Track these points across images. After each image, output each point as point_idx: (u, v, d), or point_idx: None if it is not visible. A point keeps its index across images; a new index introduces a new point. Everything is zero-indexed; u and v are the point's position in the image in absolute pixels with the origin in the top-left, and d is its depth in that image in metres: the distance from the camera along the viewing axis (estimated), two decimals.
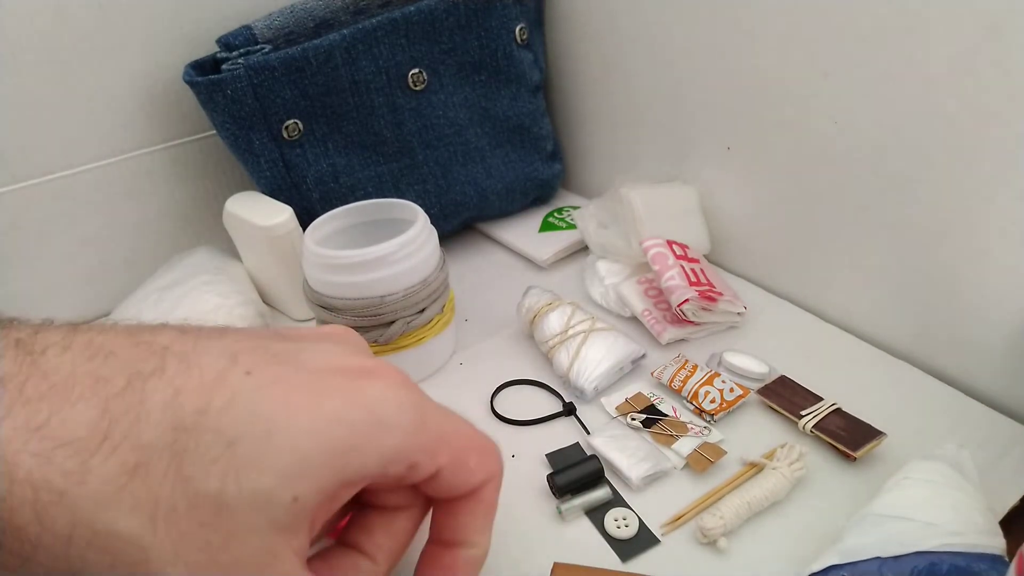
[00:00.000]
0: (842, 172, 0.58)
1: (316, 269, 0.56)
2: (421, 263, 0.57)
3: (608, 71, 0.77)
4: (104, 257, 0.75)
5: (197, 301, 0.66)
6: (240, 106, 0.66)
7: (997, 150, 0.48)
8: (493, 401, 0.59)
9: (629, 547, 0.46)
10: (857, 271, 0.61)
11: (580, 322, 0.61)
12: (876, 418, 0.51)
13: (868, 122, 0.55)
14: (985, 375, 0.55)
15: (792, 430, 0.53)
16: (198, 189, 0.79)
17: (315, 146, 0.70)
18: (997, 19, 0.45)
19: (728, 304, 0.62)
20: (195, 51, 0.72)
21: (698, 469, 0.50)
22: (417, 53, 0.71)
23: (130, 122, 0.72)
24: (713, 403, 0.54)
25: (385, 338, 0.57)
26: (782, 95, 0.60)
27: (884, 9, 0.50)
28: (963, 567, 0.37)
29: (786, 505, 0.47)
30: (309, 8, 0.70)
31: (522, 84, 0.77)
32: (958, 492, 0.41)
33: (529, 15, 0.77)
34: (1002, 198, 0.49)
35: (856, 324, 0.63)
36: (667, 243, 0.65)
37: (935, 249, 0.54)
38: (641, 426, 0.54)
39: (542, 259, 0.77)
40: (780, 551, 0.44)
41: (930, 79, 0.50)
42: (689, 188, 0.72)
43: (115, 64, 0.69)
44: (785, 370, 0.58)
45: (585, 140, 0.86)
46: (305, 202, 0.71)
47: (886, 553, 0.38)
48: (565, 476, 0.49)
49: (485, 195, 0.78)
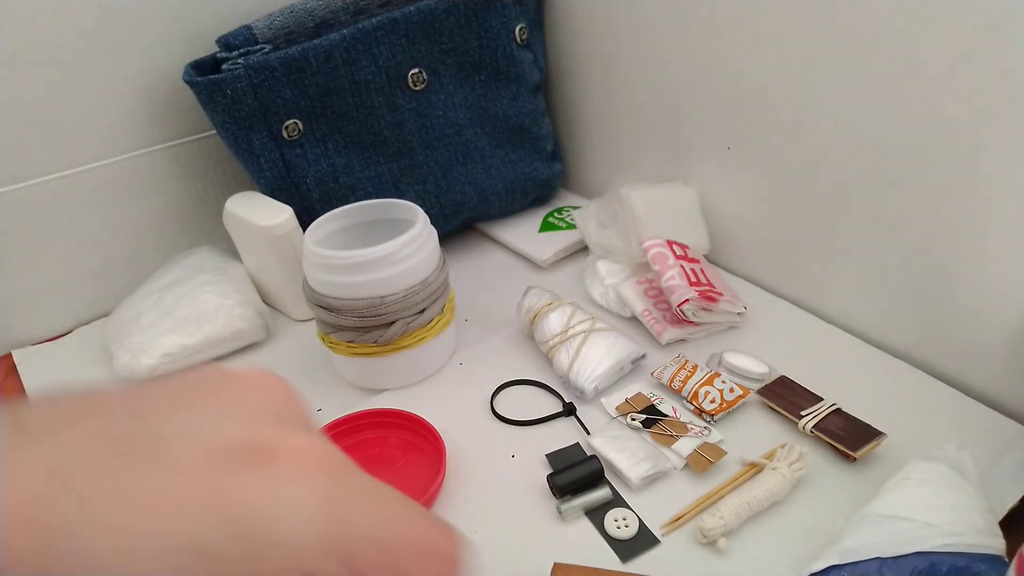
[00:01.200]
0: (842, 172, 0.58)
1: (316, 269, 0.56)
2: (421, 263, 0.57)
3: (608, 71, 0.77)
4: (104, 257, 0.75)
5: (197, 301, 0.66)
6: (240, 106, 0.66)
7: (996, 150, 0.48)
8: (493, 401, 0.59)
9: (629, 547, 0.46)
10: (857, 271, 0.61)
11: (580, 322, 0.61)
12: (876, 418, 0.51)
13: (868, 122, 0.55)
14: (985, 375, 0.55)
15: (792, 430, 0.53)
16: (198, 189, 0.79)
17: (315, 146, 0.70)
18: (996, 19, 0.45)
19: (728, 304, 0.62)
20: (195, 51, 0.72)
21: (698, 469, 0.50)
22: (417, 53, 0.71)
23: (130, 122, 0.72)
24: (713, 403, 0.54)
25: (385, 338, 0.57)
26: (782, 95, 0.60)
27: (884, 9, 0.50)
28: (963, 567, 0.37)
29: (786, 505, 0.47)
30: (309, 8, 0.70)
31: (522, 84, 0.77)
32: (958, 493, 0.41)
33: (529, 15, 0.77)
34: (1001, 198, 0.49)
35: (856, 324, 0.63)
36: (667, 243, 0.65)
37: (935, 249, 0.54)
38: (641, 426, 0.54)
39: (542, 259, 0.77)
40: (780, 551, 0.44)
41: (930, 79, 0.50)
42: (689, 188, 0.72)
43: (115, 64, 0.69)
44: (785, 370, 0.58)
45: (585, 140, 0.86)
46: (305, 202, 0.71)
47: (886, 553, 0.38)
48: (565, 476, 0.49)
49: (485, 195, 0.78)
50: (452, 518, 0.49)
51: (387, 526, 0.22)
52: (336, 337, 0.58)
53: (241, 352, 0.68)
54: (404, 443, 0.55)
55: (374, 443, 0.55)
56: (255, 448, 0.21)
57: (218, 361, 0.67)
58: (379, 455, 0.55)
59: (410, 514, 0.23)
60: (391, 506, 0.23)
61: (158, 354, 0.63)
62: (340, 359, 0.61)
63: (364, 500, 0.22)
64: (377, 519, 0.22)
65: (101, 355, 0.69)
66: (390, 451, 0.55)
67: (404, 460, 0.54)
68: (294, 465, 0.21)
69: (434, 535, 0.24)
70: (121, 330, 0.66)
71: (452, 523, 0.24)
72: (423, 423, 0.54)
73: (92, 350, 0.70)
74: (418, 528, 0.23)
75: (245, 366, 0.22)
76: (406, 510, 0.23)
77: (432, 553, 0.23)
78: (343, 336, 0.58)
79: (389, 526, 0.22)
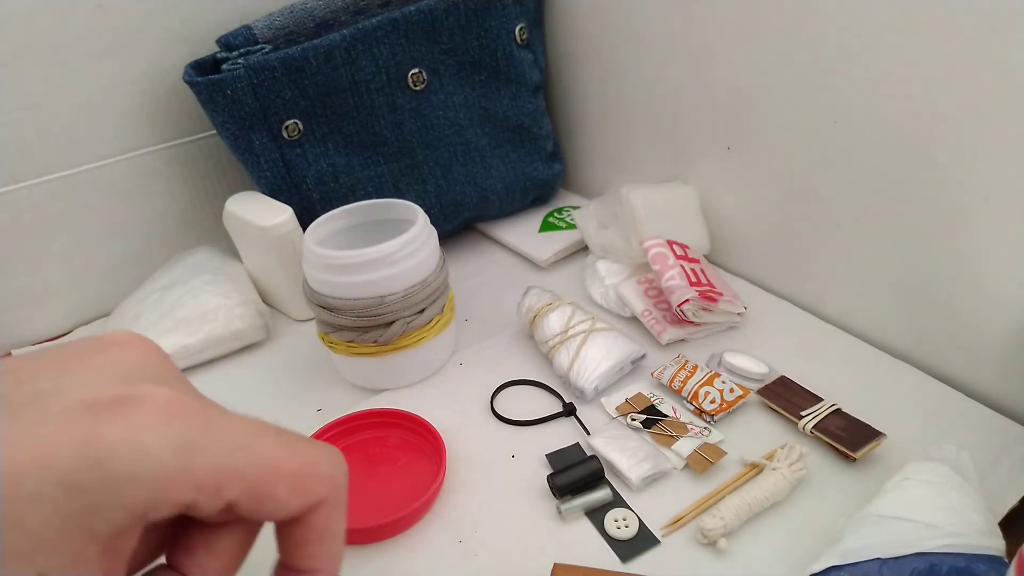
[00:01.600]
0: (842, 172, 0.58)
1: (316, 269, 0.56)
2: (421, 263, 0.57)
3: (608, 71, 0.77)
4: (104, 257, 0.75)
5: (197, 301, 0.66)
6: (240, 106, 0.66)
7: (996, 150, 0.48)
8: (493, 401, 0.59)
9: (629, 548, 0.46)
10: (857, 271, 0.61)
11: (580, 322, 0.61)
12: (876, 418, 0.51)
13: (868, 122, 0.55)
14: (985, 375, 0.55)
15: (792, 431, 0.53)
16: (198, 189, 0.79)
17: (315, 146, 0.70)
18: (997, 19, 0.45)
19: (728, 304, 0.62)
20: (195, 51, 0.72)
21: (698, 470, 0.50)
22: (417, 53, 0.71)
23: (130, 122, 0.72)
24: (713, 403, 0.54)
25: (385, 338, 0.57)
26: (782, 95, 0.60)
27: (884, 9, 0.50)
28: (963, 568, 0.37)
29: (786, 506, 0.47)
30: (309, 8, 0.70)
31: (522, 84, 0.77)
32: (958, 493, 0.41)
33: (529, 15, 0.77)
34: (1001, 198, 0.49)
35: (856, 324, 0.63)
36: (667, 243, 0.65)
37: (935, 249, 0.54)
38: (641, 427, 0.54)
39: (542, 259, 0.77)
40: (780, 552, 0.44)
41: (930, 79, 0.50)
42: (689, 188, 0.72)
43: (115, 64, 0.69)
44: (785, 370, 0.58)
45: (585, 140, 0.86)
46: (305, 202, 0.71)
47: (886, 554, 0.38)
48: (565, 476, 0.49)
49: (485, 195, 0.78)
50: (452, 518, 0.49)
51: (237, 453, 0.25)
52: (336, 337, 0.58)
53: (241, 352, 0.68)
54: (404, 443, 0.55)
55: (374, 443, 0.55)
56: (119, 399, 0.24)
57: (219, 361, 0.67)
58: (379, 455, 0.55)
59: (276, 442, 0.26)
60: (243, 437, 0.26)
61: None
62: (340, 359, 0.61)
63: (214, 434, 0.25)
64: (226, 447, 0.25)
65: None
66: (390, 451, 0.55)
67: (404, 460, 0.54)
68: (150, 411, 0.24)
69: (300, 462, 0.27)
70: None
71: (331, 449, 0.28)
72: (423, 423, 0.54)
73: None
74: (281, 455, 0.26)
75: (125, 333, 0.27)
76: (261, 438, 0.26)
77: (297, 473, 0.26)
78: (343, 336, 0.58)
79: (240, 453, 0.25)
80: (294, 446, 0.27)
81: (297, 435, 0.28)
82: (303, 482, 0.27)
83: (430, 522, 0.49)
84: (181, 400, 0.25)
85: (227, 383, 0.65)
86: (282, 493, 0.26)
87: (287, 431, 0.28)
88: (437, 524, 0.49)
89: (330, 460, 0.28)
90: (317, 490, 0.28)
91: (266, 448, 0.26)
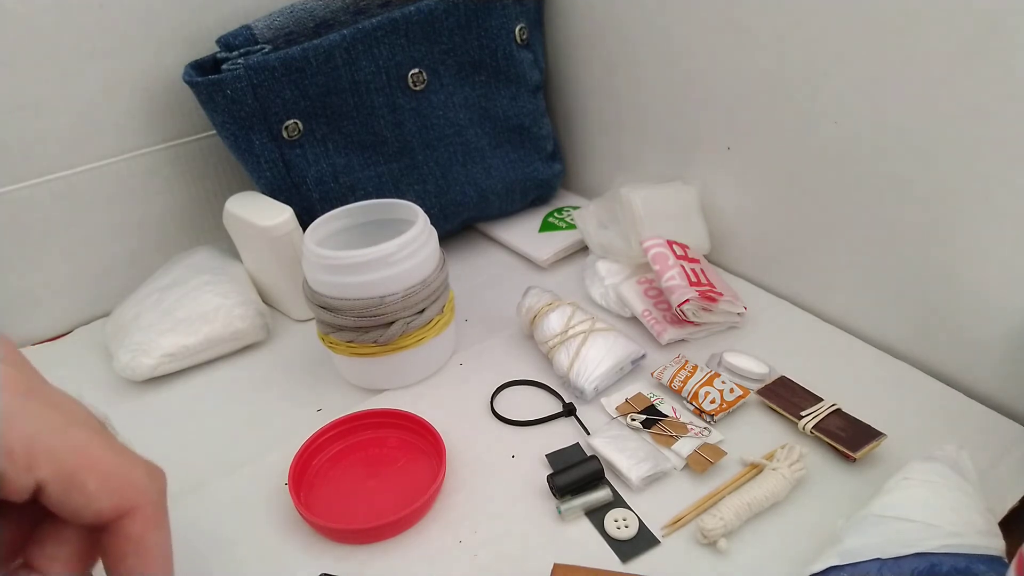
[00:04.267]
0: (842, 172, 0.58)
1: (316, 269, 0.56)
2: (421, 263, 0.57)
3: (608, 71, 0.77)
4: (104, 257, 0.75)
5: (197, 301, 0.66)
6: (240, 106, 0.66)
7: (996, 150, 0.48)
8: (493, 401, 0.59)
9: (629, 548, 0.46)
10: (857, 271, 0.61)
11: (580, 322, 0.61)
12: (876, 418, 0.51)
13: (868, 122, 0.55)
14: (985, 375, 0.55)
15: (792, 431, 0.53)
16: (198, 189, 0.79)
17: (315, 146, 0.70)
18: (997, 18, 0.45)
19: (728, 304, 0.62)
20: (195, 51, 0.72)
21: (698, 470, 0.50)
22: (417, 53, 0.71)
23: (130, 122, 0.72)
24: (713, 403, 0.54)
25: (385, 338, 0.57)
26: (782, 95, 0.60)
27: (884, 9, 0.50)
28: (963, 568, 0.37)
29: (786, 506, 0.47)
30: (309, 8, 0.70)
31: (522, 84, 0.77)
32: (958, 493, 0.41)
33: (529, 15, 0.77)
34: (1001, 198, 0.49)
35: (856, 324, 0.63)
36: (667, 243, 0.65)
37: (935, 249, 0.54)
38: (641, 427, 0.54)
39: (542, 259, 0.77)
40: (780, 552, 0.44)
41: (930, 79, 0.50)
42: (689, 188, 0.72)
43: (115, 64, 0.69)
44: (785, 370, 0.58)
45: (585, 140, 0.86)
46: (305, 202, 0.71)
47: (886, 554, 0.38)
48: (565, 477, 0.49)
49: (485, 195, 0.78)
50: (452, 518, 0.49)
51: (53, 434, 0.26)
52: (336, 337, 0.58)
53: (241, 352, 0.68)
54: (404, 443, 0.55)
55: (374, 443, 0.55)
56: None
57: (219, 361, 0.67)
58: (379, 455, 0.54)
59: (83, 432, 0.27)
60: (62, 422, 0.27)
61: (158, 354, 0.63)
62: (340, 359, 0.61)
63: (34, 411, 0.26)
64: (46, 426, 0.26)
65: (101, 355, 0.69)
66: (390, 451, 0.55)
67: (404, 460, 0.54)
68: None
69: (118, 462, 0.28)
70: (121, 330, 0.66)
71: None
72: (423, 423, 0.54)
73: (92, 350, 0.70)
74: (102, 451, 0.27)
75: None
76: (80, 429, 0.27)
77: (111, 472, 0.27)
78: (343, 336, 0.58)
79: (56, 435, 0.26)
80: (112, 447, 0.28)
81: (122, 443, 0.29)
82: (114, 481, 0.27)
83: (430, 522, 0.49)
84: (10, 375, 0.27)
85: (227, 383, 0.65)
86: (92, 486, 0.27)
87: (113, 436, 0.29)
88: (437, 524, 0.49)
89: (149, 473, 0.29)
90: (128, 494, 0.28)
91: (82, 437, 0.27)
